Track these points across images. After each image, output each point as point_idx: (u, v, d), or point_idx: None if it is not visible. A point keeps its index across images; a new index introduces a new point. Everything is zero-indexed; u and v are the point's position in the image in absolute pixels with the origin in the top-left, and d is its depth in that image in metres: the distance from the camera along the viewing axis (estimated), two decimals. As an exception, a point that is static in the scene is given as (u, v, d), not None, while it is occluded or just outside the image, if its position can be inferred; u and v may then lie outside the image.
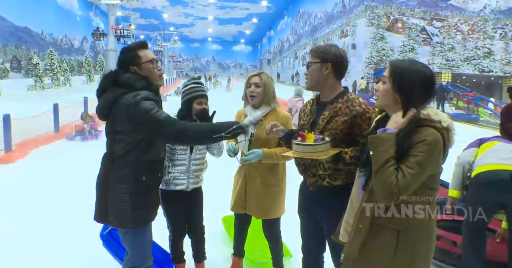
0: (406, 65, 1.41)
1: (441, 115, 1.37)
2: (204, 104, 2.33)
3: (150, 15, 42.35)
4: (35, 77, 19.50)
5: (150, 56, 1.84)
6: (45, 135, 8.12)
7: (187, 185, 2.38)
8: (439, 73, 20.38)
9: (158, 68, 1.87)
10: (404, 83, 1.38)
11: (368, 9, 20.43)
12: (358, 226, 1.40)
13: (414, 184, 1.28)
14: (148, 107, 1.68)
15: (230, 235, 3.09)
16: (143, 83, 1.77)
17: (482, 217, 2.34)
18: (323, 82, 1.82)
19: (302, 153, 1.62)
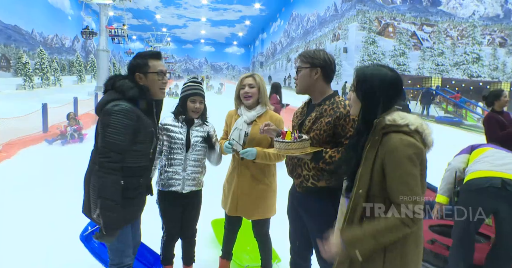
0: (369, 71, 1.40)
1: (408, 118, 1.34)
2: (197, 103, 2.36)
3: (142, 16, 42.15)
4: (24, 76, 19.26)
5: (158, 67, 1.85)
6: (33, 135, 8.00)
7: (182, 186, 2.36)
8: (429, 78, 20.67)
9: (163, 81, 1.87)
10: (365, 89, 1.38)
11: (360, 13, 20.65)
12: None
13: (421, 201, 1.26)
14: (111, 122, 1.67)
15: (218, 238, 3.09)
16: (134, 92, 1.77)
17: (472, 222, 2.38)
18: (312, 86, 1.86)
19: (279, 150, 1.71)
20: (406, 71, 20.46)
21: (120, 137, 1.68)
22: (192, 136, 2.38)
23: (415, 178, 1.28)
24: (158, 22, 46.39)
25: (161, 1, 39.65)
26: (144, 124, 1.79)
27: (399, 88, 1.41)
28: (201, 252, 2.87)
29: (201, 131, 2.42)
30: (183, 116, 2.37)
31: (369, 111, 1.39)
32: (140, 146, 1.81)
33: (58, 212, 3.66)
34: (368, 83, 1.38)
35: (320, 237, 1.84)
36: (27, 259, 2.85)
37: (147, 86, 1.83)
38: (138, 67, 1.83)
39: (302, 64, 1.85)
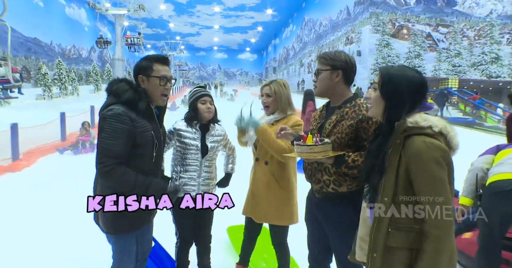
0: (395, 71, 1.36)
1: (431, 120, 1.29)
2: (208, 103, 2.35)
3: (156, 25, 42.93)
4: (43, 87, 19.80)
5: (162, 72, 1.81)
6: (52, 143, 8.17)
7: (197, 192, 2.34)
8: (446, 79, 20.26)
9: (165, 87, 1.82)
10: (392, 89, 1.34)
11: (373, 16, 20.47)
12: (372, 255, 1.34)
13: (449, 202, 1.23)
14: (105, 127, 1.67)
15: (234, 245, 3.05)
16: (129, 94, 1.73)
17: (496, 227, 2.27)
18: (333, 89, 1.81)
19: (300, 153, 1.65)
20: (422, 73, 20.09)
21: (112, 141, 1.65)
22: (208, 141, 2.36)
23: (443, 182, 1.23)
24: (172, 30, 47.17)
25: (174, 10, 40.34)
26: (140, 127, 1.73)
27: (425, 91, 1.37)
28: (217, 259, 2.83)
29: (216, 135, 2.42)
30: (196, 122, 2.34)
31: (394, 113, 1.33)
32: (141, 150, 1.76)
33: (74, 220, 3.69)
34: (395, 84, 1.34)
35: (341, 245, 1.79)
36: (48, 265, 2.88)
37: (145, 89, 1.78)
38: (142, 69, 1.80)
39: (322, 66, 1.80)
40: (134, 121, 1.71)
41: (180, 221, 2.42)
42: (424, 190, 1.24)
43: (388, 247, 1.31)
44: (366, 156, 1.51)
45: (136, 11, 19.28)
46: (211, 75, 59.46)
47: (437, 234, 1.22)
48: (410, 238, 1.29)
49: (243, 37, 52.61)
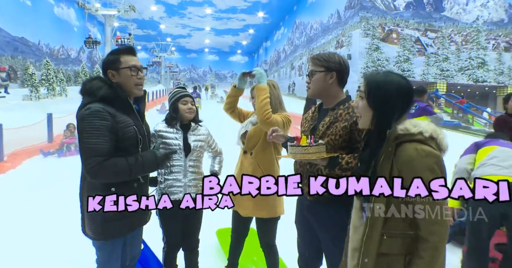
0: (381, 78, 1.34)
1: (421, 125, 1.28)
2: (189, 103, 2.34)
3: (147, 26, 42.65)
4: (30, 87, 19.45)
5: (132, 63, 1.75)
6: (38, 145, 8.02)
7: (184, 193, 2.30)
8: (434, 83, 20.57)
9: (138, 77, 1.76)
10: (380, 97, 1.31)
11: (363, 20, 20.70)
12: (363, 260, 1.32)
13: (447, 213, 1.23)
14: (84, 127, 1.60)
15: (224, 248, 3.02)
16: (104, 91, 1.67)
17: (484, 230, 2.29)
18: (326, 90, 1.80)
19: (294, 154, 1.64)
20: (411, 77, 20.36)
21: (95, 140, 1.59)
22: (190, 140, 2.34)
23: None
24: (163, 32, 46.91)
25: (165, 11, 40.14)
26: (121, 122, 1.68)
27: (412, 96, 1.35)
28: (206, 263, 2.80)
29: (198, 135, 2.39)
30: (175, 122, 2.31)
31: (384, 121, 1.31)
32: (125, 146, 1.69)
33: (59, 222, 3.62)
34: (382, 91, 1.31)
35: (333, 248, 1.78)
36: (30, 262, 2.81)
37: (119, 83, 1.73)
38: (110, 63, 1.73)
39: (316, 67, 1.79)
40: (114, 117, 1.65)
41: (167, 226, 2.38)
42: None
43: (381, 253, 1.29)
44: (359, 164, 1.50)
45: (127, 11, 19.15)
46: (202, 77, 59.28)
47: (435, 241, 1.22)
48: (405, 245, 1.28)
49: (235, 39, 52.62)
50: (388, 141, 1.28)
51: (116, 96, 1.69)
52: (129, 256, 1.95)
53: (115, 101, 1.69)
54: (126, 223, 1.76)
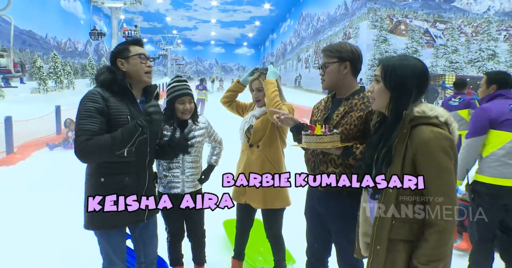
0: (397, 61, 1.35)
1: (437, 110, 1.29)
2: (187, 103, 2.25)
3: (153, 19, 42.56)
4: (38, 80, 19.64)
5: (140, 51, 1.79)
6: (47, 137, 8.11)
7: (182, 188, 2.34)
8: (443, 75, 20.30)
9: (147, 65, 1.79)
10: (397, 79, 1.32)
11: (370, 12, 20.41)
12: (375, 247, 1.33)
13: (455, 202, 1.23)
14: (81, 110, 1.64)
15: (230, 239, 3.04)
16: (105, 76, 1.71)
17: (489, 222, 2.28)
18: (341, 81, 1.78)
19: (309, 143, 1.63)
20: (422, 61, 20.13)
21: (85, 120, 1.60)
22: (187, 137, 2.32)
23: (450, 173, 1.23)
24: (169, 24, 46.82)
25: (171, 3, 40.01)
26: (114, 107, 1.67)
27: (428, 78, 1.36)
28: (213, 253, 2.83)
29: (196, 130, 2.35)
30: (172, 121, 2.27)
31: (401, 102, 1.32)
32: None
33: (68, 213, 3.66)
34: (398, 72, 1.32)
35: (343, 239, 1.79)
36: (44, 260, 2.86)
37: (128, 71, 1.75)
38: (119, 53, 1.77)
39: (328, 59, 1.76)
40: (107, 101, 1.67)
41: (168, 216, 2.40)
42: (431, 180, 1.23)
43: (391, 239, 1.30)
44: (367, 148, 1.50)
45: (133, 4, 19.10)
46: (208, 70, 59.20)
47: (442, 225, 1.22)
48: (414, 230, 1.28)
49: (241, 31, 52.33)
50: (404, 123, 1.29)
51: (113, 80, 1.70)
52: (143, 253, 1.98)
53: (113, 87, 1.70)
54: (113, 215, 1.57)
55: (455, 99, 4.94)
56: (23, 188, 4.73)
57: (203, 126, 2.41)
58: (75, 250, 2.96)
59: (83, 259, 2.80)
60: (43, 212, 3.84)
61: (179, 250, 2.53)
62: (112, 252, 1.81)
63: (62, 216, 3.63)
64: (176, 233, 2.46)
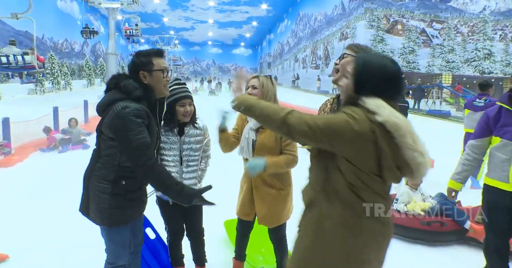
0: (369, 59, 1.37)
1: (383, 110, 1.26)
2: (187, 106, 2.26)
3: (150, 19, 42.50)
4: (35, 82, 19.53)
5: (163, 65, 1.85)
6: (45, 138, 8.07)
7: None
8: (439, 75, 20.40)
9: (167, 78, 1.87)
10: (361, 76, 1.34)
11: (367, 12, 20.48)
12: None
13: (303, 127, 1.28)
14: (129, 126, 1.67)
15: (231, 239, 3.05)
16: (140, 92, 1.77)
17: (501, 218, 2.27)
18: None
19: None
20: (416, 69, 20.21)
21: (142, 135, 1.69)
22: (184, 150, 2.31)
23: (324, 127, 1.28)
24: (166, 25, 46.75)
25: (168, 4, 39.97)
26: (152, 123, 1.79)
27: (396, 82, 1.35)
28: (214, 253, 2.84)
29: (194, 136, 2.35)
30: (173, 124, 2.27)
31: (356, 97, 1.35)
32: None
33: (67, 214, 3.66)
34: (364, 71, 1.34)
35: None
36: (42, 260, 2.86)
37: (151, 86, 1.83)
38: (143, 65, 1.81)
39: (350, 51, 1.80)
40: (149, 117, 1.77)
41: (167, 214, 2.42)
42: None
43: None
44: None
45: (130, 5, 19.02)
46: (206, 70, 59.16)
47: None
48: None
49: (238, 32, 52.33)
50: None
51: (148, 98, 1.82)
52: (133, 243, 2.04)
53: (146, 103, 1.81)
54: (130, 212, 1.87)
55: (480, 100, 4.87)
56: (21, 189, 4.71)
57: (200, 133, 2.39)
58: (74, 250, 2.96)
59: (84, 258, 2.80)
60: (42, 213, 3.83)
61: (179, 249, 2.54)
62: (122, 246, 1.90)
63: (60, 217, 3.63)
64: (176, 232, 2.47)
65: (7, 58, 8.79)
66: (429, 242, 3.29)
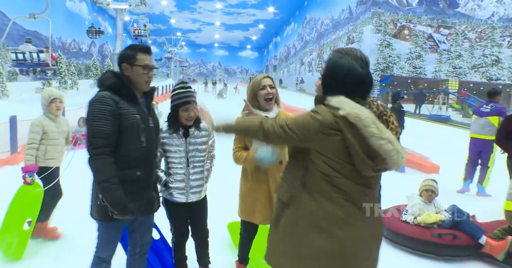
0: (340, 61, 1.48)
1: (345, 105, 1.36)
2: (190, 111, 2.24)
3: (157, 20, 42.76)
4: (43, 80, 19.69)
5: (145, 62, 1.88)
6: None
7: (186, 199, 2.36)
8: (446, 81, 20.28)
9: (148, 75, 1.90)
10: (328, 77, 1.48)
11: (374, 16, 20.44)
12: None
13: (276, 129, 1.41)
14: (90, 112, 1.77)
15: (235, 242, 3.04)
16: (111, 80, 1.84)
17: None
18: None
19: None
20: (423, 74, 20.11)
21: (98, 122, 1.74)
22: (190, 151, 2.31)
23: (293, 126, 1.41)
24: (173, 26, 47.00)
25: (176, 5, 40.20)
26: (124, 109, 1.81)
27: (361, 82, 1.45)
28: (218, 255, 2.84)
29: (200, 137, 2.35)
30: (179, 127, 2.28)
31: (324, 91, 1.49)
32: (128, 134, 1.82)
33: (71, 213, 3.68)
34: (331, 72, 1.47)
35: None
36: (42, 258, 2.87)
37: (131, 79, 1.87)
38: (127, 58, 1.88)
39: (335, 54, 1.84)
40: (117, 103, 1.80)
41: (174, 215, 2.43)
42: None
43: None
44: None
45: (138, 6, 19.16)
46: (211, 72, 59.31)
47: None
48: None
49: (244, 34, 52.47)
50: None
51: (121, 85, 1.84)
52: (140, 243, 2.06)
53: (120, 90, 1.82)
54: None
55: (487, 106, 5.05)
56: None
57: (205, 133, 2.38)
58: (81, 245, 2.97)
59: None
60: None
61: (183, 251, 2.54)
62: (105, 242, 1.94)
63: (66, 214, 3.64)
64: (181, 233, 2.48)
65: (23, 55, 9.44)
66: (440, 256, 3.05)
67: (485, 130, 4.90)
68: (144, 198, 1.95)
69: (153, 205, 2.03)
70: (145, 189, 1.95)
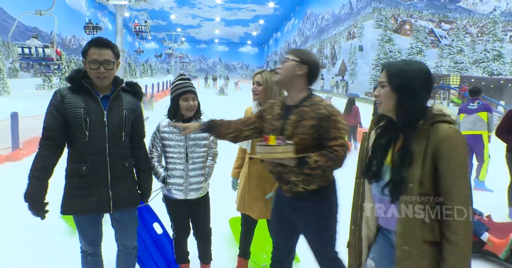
0: (401, 65, 1.39)
1: (448, 110, 1.36)
2: (190, 100, 2.26)
3: (157, 16, 42.60)
4: (43, 77, 19.71)
5: (93, 57, 1.80)
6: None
7: (185, 195, 2.34)
8: (447, 76, 20.22)
9: (98, 71, 1.81)
10: (403, 80, 1.36)
11: (375, 11, 20.35)
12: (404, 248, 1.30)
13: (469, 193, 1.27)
14: (47, 108, 1.85)
15: (236, 237, 3.06)
16: (70, 74, 1.89)
17: None
18: (293, 80, 1.80)
19: (263, 154, 1.64)
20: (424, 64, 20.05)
21: (45, 116, 1.83)
22: (190, 146, 2.31)
23: (466, 167, 1.30)
24: (173, 22, 46.83)
25: (175, 1, 40.01)
26: (68, 103, 1.81)
27: (432, 79, 1.41)
28: (219, 251, 2.85)
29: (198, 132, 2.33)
30: (179, 119, 2.27)
31: (409, 103, 1.36)
32: (72, 128, 1.84)
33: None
34: (404, 75, 1.36)
35: (315, 235, 1.87)
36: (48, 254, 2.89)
37: (85, 70, 1.87)
38: (83, 52, 1.87)
39: (292, 56, 1.82)
40: (63, 97, 1.82)
41: (173, 212, 2.42)
42: (452, 171, 1.25)
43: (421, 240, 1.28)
44: (373, 151, 1.48)
45: (137, 2, 19.07)
46: (212, 68, 59.19)
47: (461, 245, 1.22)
48: (435, 231, 1.27)
49: (245, 30, 52.27)
50: (425, 120, 1.32)
51: (74, 79, 1.86)
52: (120, 243, 2.10)
53: (73, 83, 1.86)
54: (79, 203, 1.90)
55: (473, 104, 5.31)
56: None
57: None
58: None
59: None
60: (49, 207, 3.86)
61: (184, 247, 2.55)
62: (81, 235, 2.00)
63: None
64: (181, 229, 2.47)
65: (29, 49, 9.82)
66: None
67: (477, 126, 5.12)
68: (94, 195, 1.87)
69: (107, 204, 1.90)
70: (93, 185, 1.87)
